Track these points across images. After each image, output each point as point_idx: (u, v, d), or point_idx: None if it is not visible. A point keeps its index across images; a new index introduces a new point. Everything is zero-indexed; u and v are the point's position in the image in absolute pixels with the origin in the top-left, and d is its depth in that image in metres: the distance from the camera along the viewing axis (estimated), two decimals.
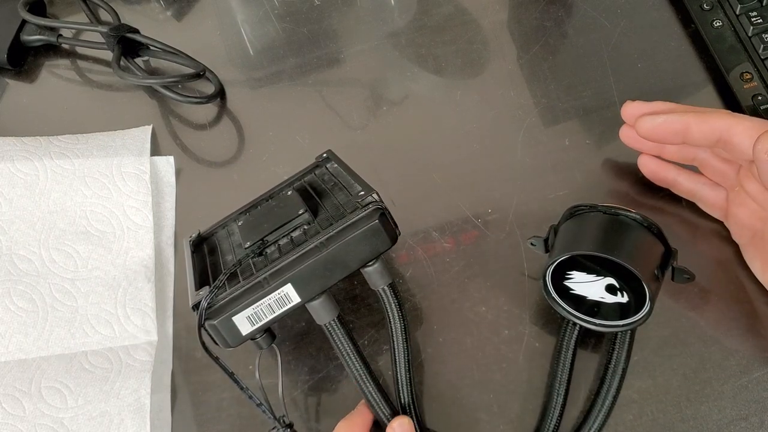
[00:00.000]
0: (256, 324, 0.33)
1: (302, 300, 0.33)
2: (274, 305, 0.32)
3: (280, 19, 0.51)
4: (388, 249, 0.33)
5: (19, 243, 0.42)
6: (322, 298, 0.33)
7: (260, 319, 0.33)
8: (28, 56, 0.51)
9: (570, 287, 0.36)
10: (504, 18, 0.50)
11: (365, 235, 0.32)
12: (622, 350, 0.36)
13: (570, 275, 0.36)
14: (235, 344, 0.33)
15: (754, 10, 0.45)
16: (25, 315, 0.40)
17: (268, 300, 0.32)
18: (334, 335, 0.34)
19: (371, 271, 0.34)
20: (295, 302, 0.33)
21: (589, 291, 0.36)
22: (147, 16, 0.52)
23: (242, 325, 0.32)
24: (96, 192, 0.43)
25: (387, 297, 0.35)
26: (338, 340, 0.34)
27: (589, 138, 0.45)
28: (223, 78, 0.49)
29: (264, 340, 0.34)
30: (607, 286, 0.35)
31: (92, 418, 0.37)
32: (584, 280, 0.35)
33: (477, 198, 0.44)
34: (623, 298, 0.35)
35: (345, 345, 0.34)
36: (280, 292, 0.32)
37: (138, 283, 0.41)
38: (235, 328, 0.32)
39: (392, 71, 0.49)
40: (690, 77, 0.47)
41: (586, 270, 0.35)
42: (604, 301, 0.36)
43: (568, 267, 0.35)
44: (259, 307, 0.32)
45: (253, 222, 0.37)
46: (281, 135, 0.47)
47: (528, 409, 0.38)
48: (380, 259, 0.34)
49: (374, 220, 0.32)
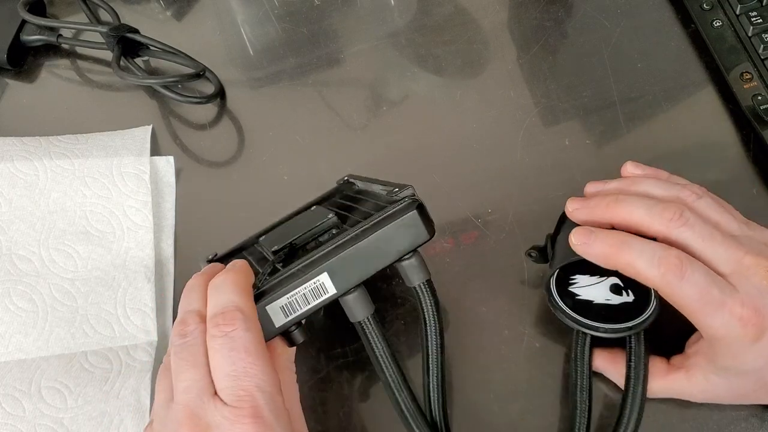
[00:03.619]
0: (291, 315, 0.31)
1: (338, 291, 0.32)
2: (309, 296, 0.31)
3: (279, 19, 0.51)
4: (427, 242, 0.32)
5: (18, 243, 0.42)
6: (358, 292, 0.32)
7: (294, 311, 0.31)
8: (28, 56, 0.50)
9: (576, 293, 0.36)
10: (504, 18, 0.50)
11: (403, 224, 0.32)
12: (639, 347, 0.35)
13: (573, 280, 0.36)
14: (268, 337, 0.31)
15: (754, 10, 0.45)
16: (24, 315, 0.40)
17: (304, 290, 0.31)
18: (369, 334, 0.33)
19: (408, 265, 0.33)
20: (330, 293, 0.31)
21: (594, 294, 0.35)
22: (147, 16, 0.52)
23: (276, 316, 0.31)
24: (96, 192, 0.43)
25: (424, 294, 0.33)
26: (373, 340, 0.33)
27: (589, 138, 0.45)
28: (223, 78, 0.49)
29: (298, 333, 0.33)
30: (612, 286, 0.35)
31: (92, 418, 0.37)
32: (588, 282, 0.35)
33: (477, 198, 0.44)
34: (629, 296, 0.35)
35: (379, 346, 0.33)
36: (315, 281, 0.31)
37: (138, 283, 0.41)
38: (269, 319, 0.31)
39: (392, 71, 0.49)
40: (690, 77, 0.47)
41: (590, 272, 0.35)
42: (610, 303, 0.35)
43: (570, 272, 0.35)
44: (294, 297, 0.31)
45: (277, 234, 0.36)
46: (281, 135, 0.47)
47: (528, 410, 0.38)
48: (418, 252, 0.33)
49: (412, 210, 0.32)
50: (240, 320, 0.29)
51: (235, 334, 0.29)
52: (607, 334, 0.35)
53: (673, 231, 0.32)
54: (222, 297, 0.30)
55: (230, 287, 0.31)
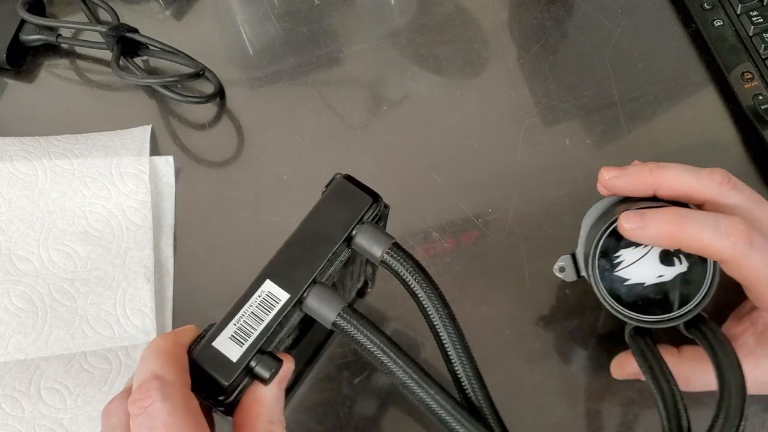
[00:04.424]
0: (246, 342, 0.26)
1: (291, 294, 0.27)
2: (258, 312, 0.26)
3: (279, 18, 0.51)
4: (372, 206, 0.28)
5: (18, 243, 0.42)
6: (316, 289, 0.27)
7: (249, 335, 0.26)
8: (27, 56, 0.50)
9: (624, 277, 0.33)
10: (504, 17, 0.50)
11: (331, 195, 0.28)
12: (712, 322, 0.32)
13: (618, 258, 0.33)
14: (229, 379, 0.25)
15: (755, 9, 0.45)
16: (24, 315, 0.40)
17: (250, 307, 0.26)
18: (353, 330, 0.27)
19: (360, 239, 0.28)
20: (283, 299, 0.27)
21: (645, 272, 0.33)
22: (146, 15, 0.52)
23: (229, 350, 0.26)
24: (95, 192, 0.43)
25: (396, 260, 0.28)
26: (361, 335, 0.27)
27: (589, 138, 0.45)
28: (223, 78, 0.48)
29: (263, 365, 0.26)
30: (662, 253, 0.32)
31: (91, 418, 0.37)
32: (635, 257, 0.32)
33: (477, 198, 0.43)
34: (682, 264, 0.32)
35: (375, 339, 0.27)
36: (260, 292, 0.27)
37: (137, 283, 0.41)
38: (222, 356, 0.26)
39: (392, 71, 0.49)
40: (690, 77, 0.47)
41: (635, 243, 0.32)
42: (664, 281, 0.32)
43: (612, 249, 0.33)
44: (241, 319, 0.26)
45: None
46: (281, 135, 0.47)
47: (529, 410, 0.38)
48: (366, 222, 0.28)
49: (338, 179, 0.29)
50: (156, 390, 0.24)
51: (152, 408, 0.24)
52: (670, 323, 0.32)
53: (724, 194, 0.30)
54: (141, 369, 0.26)
55: (151, 354, 0.26)
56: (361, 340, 0.27)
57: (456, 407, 0.27)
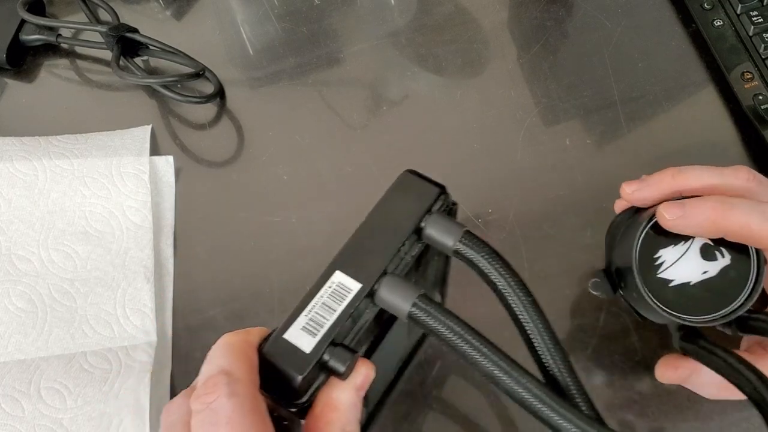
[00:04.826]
0: (319, 332, 0.24)
1: (364, 284, 0.26)
2: (330, 302, 0.25)
3: (279, 18, 0.51)
4: (440, 197, 0.28)
5: (18, 243, 0.42)
6: (387, 279, 0.26)
7: (321, 325, 0.25)
8: (27, 56, 0.50)
9: (668, 278, 0.31)
10: (504, 17, 0.50)
11: (396, 188, 0.28)
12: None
13: (658, 259, 0.31)
14: (303, 369, 0.24)
15: (755, 9, 0.45)
16: (24, 315, 0.40)
17: (321, 298, 0.25)
18: (430, 320, 0.25)
19: (431, 229, 0.27)
20: (355, 290, 0.25)
21: (688, 270, 0.31)
22: (146, 15, 0.52)
23: (301, 341, 0.24)
24: (95, 192, 0.43)
25: (469, 249, 0.27)
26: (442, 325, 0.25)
27: (589, 138, 0.45)
28: (223, 78, 0.48)
29: (338, 358, 0.24)
30: (702, 248, 0.31)
31: (91, 418, 0.37)
32: (676, 255, 0.31)
33: (477, 198, 0.43)
34: (725, 258, 0.31)
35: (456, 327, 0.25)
36: (330, 283, 0.26)
37: (137, 283, 0.41)
38: (293, 348, 0.24)
39: (392, 71, 0.49)
40: (690, 77, 0.47)
41: (672, 241, 0.31)
42: (709, 276, 0.31)
43: (652, 249, 0.32)
44: (312, 311, 0.25)
45: None
46: (281, 135, 0.47)
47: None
48: (436, 212, 0.28)
49: (404, 174, 0.28)
50: (223, 385, 0.23)
51: (217, 404, 0.23)
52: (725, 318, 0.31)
53: (753, 191, 0.30)
54: (209, 365, 0.25)
55: (219, 350, 0.25)
56: (441, 330, 0.25)
57: (552, 396, 0.25)
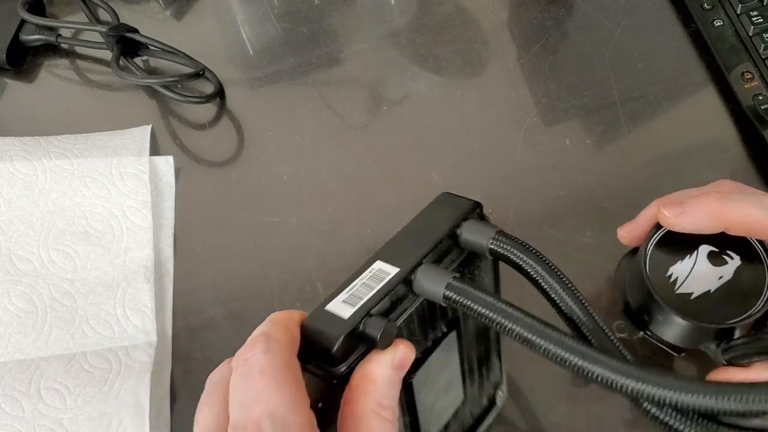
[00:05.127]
0: (357, 304, 0.27)
1: (401, 269, 0.28)
2: (370, 283, 0.28)
3: (279, 18, 0.51)
4: (474, 210, 0.30)
5: (18, 243, 0.42)
6: (423, 267, 0.28)
7: (360, 298, 0.27)
8: (27, 56, 0.50)
9: (687, 292, 0.32)
10: (504, 17, 0.50)
11: (433, 204, 0.31)
12: None
13: (671, 276, 0.32)
14: (341, 333, 0.25)
15: (755, 9, 0.45)
16: (24, 315, 0.40)
17: (362, 279, 0.28)
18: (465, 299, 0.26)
19: (466, 233, 0.29)
20: (393, 273, 0.28)
21: (703, 279, 0.32)
22: (146, 15, 0.52)
23: (341, 310, 0.27)
24: (95, 192, 0.43)
25: (502, 247, 0.28)
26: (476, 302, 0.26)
27: (589, 138, 0.45)
28: (223, 78, 0.48)
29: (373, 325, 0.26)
30: (709, 255, 0.32)
31: (91, 418, 0.37)
32: (687, 268, 0.32)
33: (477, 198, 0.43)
34: (734, 258, 0.32)
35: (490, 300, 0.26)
36: (371, 270, 0.28)
37: (137, 283, 0.41)
38: (333, 316, 0.26)
39: (392, 71, 0.49)
40: (690, 77, 0.47)
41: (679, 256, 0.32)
42: (727, 280, 0.31)
43: (662, 268, 0.32)
44: (353, 288, 0.27)
45: None
46: (281, 135, 0.47)
47: (528, 410, 0.38)
48: (469, 219, 0.30)
49: (443, 192, 0.31)
50: (260, 343, 0.24)
51: (253, 359, 0.24)
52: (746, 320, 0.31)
53: None
54: (252, 334, 0.26)
55: (264, 322, 0.26)
56: (476, 307, 0.27)
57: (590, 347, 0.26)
